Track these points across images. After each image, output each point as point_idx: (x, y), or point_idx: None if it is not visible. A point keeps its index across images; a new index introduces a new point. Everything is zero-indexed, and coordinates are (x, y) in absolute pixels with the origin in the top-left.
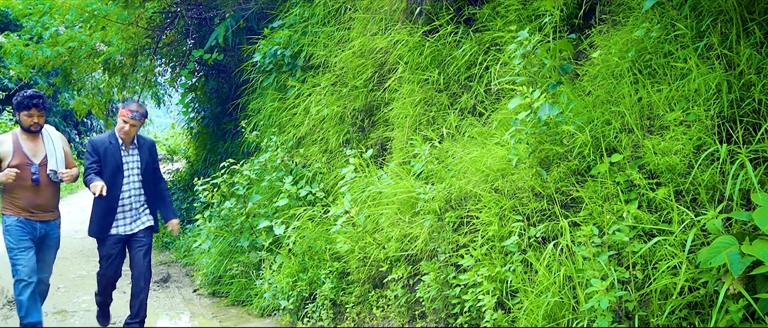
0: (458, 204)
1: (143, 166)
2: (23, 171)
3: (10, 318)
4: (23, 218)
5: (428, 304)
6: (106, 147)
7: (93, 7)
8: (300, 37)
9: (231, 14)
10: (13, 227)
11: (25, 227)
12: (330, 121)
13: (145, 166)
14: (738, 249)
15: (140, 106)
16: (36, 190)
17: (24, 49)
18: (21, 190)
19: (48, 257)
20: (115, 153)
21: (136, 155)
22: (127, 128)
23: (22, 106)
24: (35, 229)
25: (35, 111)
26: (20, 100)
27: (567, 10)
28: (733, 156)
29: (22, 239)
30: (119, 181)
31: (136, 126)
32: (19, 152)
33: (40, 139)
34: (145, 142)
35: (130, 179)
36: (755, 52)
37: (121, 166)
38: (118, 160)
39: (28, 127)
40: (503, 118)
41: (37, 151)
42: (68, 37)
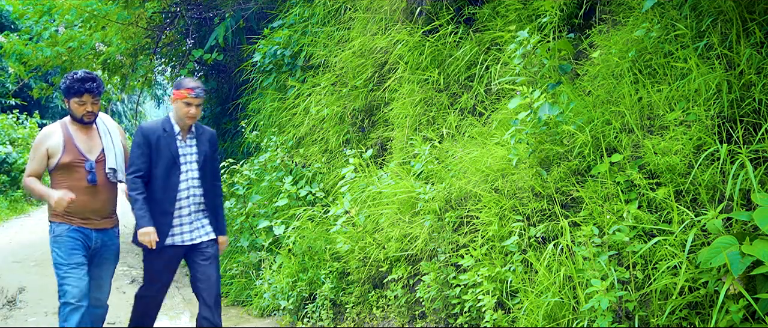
0: (458, 204)
1: (202, 160)
2: (77, 170)
3: (10, 318)
4: (76, 227)
5: (428, 304)
6: (159, 136)
7: (93, 7)
8: (300, 37)
9: (231, 14)
10: (64, 239)
11: (78, 238)
12: (330, 121)
13: (204, 160)
14: (738, 249)
15: (198, 81)
16: (92, 192)
17: (24, 49)
18: (75, 192)
19: (105, 272)
20: (171, 143)
21: (195, 147)
22: (192, 111)
23: (73, 92)
24: (90, 239)
25: (89, 97)
26: (70, 85)
27: (567, 10)
28: (733, 156)
29: (74, 252)
30: (175, 178)
31: (201, 107)
32: (71, 147)
33: (94, 130)
34: (205, 131)
35: (188, 174)
36: (755, 52)
37: (177, 158)
38: (173, 151)
39: (80, 117)
40: (503, 118)
41: (93, 146)
42: (68, 37)
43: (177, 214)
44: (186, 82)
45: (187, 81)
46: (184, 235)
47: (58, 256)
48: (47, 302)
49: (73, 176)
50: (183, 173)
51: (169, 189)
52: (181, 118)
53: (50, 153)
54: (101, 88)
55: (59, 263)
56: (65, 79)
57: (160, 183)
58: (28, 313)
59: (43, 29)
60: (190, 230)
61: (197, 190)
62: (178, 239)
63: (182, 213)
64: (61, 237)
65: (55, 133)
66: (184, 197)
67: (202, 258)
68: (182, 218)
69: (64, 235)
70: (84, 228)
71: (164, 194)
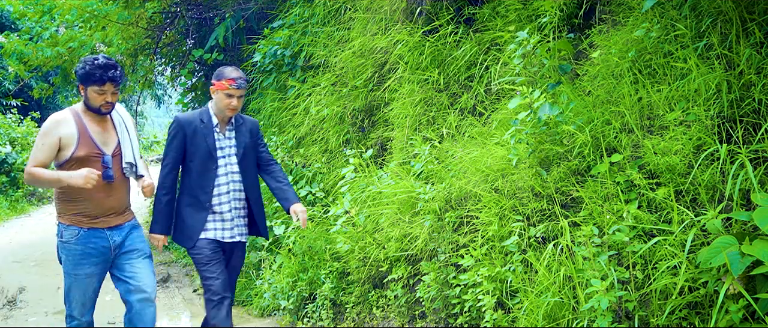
0: (458, 204)
1: (241, 152)
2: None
3: (10, 318)
4: (87, 230)
5: (428, 304)
6: (196, 127)
7: (93, 7)
8: (300, 37)
9: (231, 14)
10: (72, 247)
11: (90, 244)
12: (330, 121)
13: (243, 153)
14: (738, 249)
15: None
16: (108, 189)
17: (24, 49)
18: (88, 190)
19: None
20: (207, 135)
21: (233, 139)
22: (234, 102)
23: (94, 79)
24: (105, 240)
25: (110, 86)
26: (90, 71)
27: (567, 10)
28: (733, 156)
29: (83, 263)
30: (212, 172)
31: (243, 98)
32: (86, 139)
33: (109, 122)
34: (246, 122)
35: (226, 168)
36: (755, 52)
37: (213, 151)
38: (210, 144)
39: (97, 107)
40: (503, 118)
41: (108, 139)
42: (68, 37)
43: (218, 209)
44: (227, 71)
45: (229, 70)
46: (224, 231)
47: (66, 264)
48: (47, 302)
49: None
50: (221, 166)
51: (206, 183)
52: (222, 110)
53: (63, 144)
54: (124, 77)
55: (66, 272)
56: (84, 65)
57: (196, 177)
58: (28, 313)
59: (43, 29)
60: (231, 228)
61: (237, 184)
62: (219, 234)
63: (222, 209)
64: (68, 245)
65: (67, 122)
66: (224, 192)
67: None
68: (223, 214)
69: (73, 242)
70: (96, 229)
71: (201, 188)
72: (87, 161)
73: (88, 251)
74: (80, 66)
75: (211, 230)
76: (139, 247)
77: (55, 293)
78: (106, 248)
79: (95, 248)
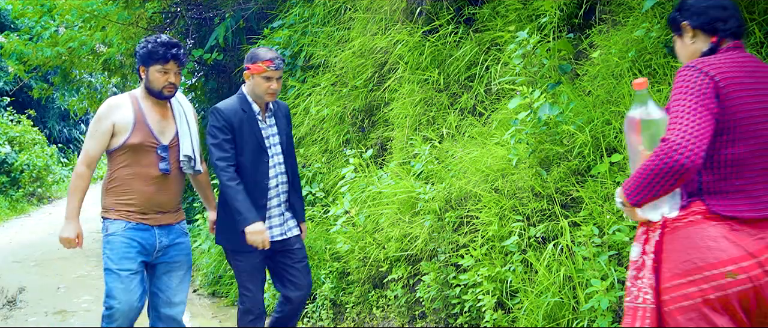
0: (458, 204)
1: (285, 140)
2: (146, 155)
3: (10, 318)
4: (134, 225)
5: (428, 304)
6: (241, 118)
7: (93, 7)
8: (300, 37)
9: (231, 14)
10: (118, 239)
11: (136, 238)
12: (330, 121)
13: (285, 140)
14: None
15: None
16: (161, 183)
17: (24, 49)
18: (139, 182)
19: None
20: (254, 125)
21: (275, 126)
22: (274, 85)
23: (156, 58)
24: (152, 239)
25: (174, 66)
26: (152, 49)
27: (567, 10)
28: None
29: (127, 257)
30: (263, 165)
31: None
32: (142, 126)
33: (169, 110)
34: (280, 106)
35: (274, 160)
36: (755, 52)
37: (262, 142)
38: (258, 134)
39: (159, 90)
40: (503, 118)
41: (166, 128)
42: (68, 37)
43: (267, 205)
44: (262, 53)
45: (263, 51)
46: (273, 229)
47: (108, 259)
48: (47, 302)
49: (141, 162)
50: (270, 158)
51: (259, 179)
52: (260, 95)
53: (117, 129)
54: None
55: (108, 268)
56: (146, 44)
57: (248, 173)
58: (28, 313)
59: (43, 29)
60: (279, 224)
61: (284, 177)
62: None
63: (271, 204)
64: (114, 237)
65: (123, 106)
66: (273, 186)
67: (293, 260)
68: (271, 210)
69: (119, 234)
70: (144, 225)
71: (254, 185)
72: (140, 150)
73: (133, 245)
74: (141, 45)
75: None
76: (182, 259)
77: (55, 293)
78: (151, 246)
79: (140, 245)
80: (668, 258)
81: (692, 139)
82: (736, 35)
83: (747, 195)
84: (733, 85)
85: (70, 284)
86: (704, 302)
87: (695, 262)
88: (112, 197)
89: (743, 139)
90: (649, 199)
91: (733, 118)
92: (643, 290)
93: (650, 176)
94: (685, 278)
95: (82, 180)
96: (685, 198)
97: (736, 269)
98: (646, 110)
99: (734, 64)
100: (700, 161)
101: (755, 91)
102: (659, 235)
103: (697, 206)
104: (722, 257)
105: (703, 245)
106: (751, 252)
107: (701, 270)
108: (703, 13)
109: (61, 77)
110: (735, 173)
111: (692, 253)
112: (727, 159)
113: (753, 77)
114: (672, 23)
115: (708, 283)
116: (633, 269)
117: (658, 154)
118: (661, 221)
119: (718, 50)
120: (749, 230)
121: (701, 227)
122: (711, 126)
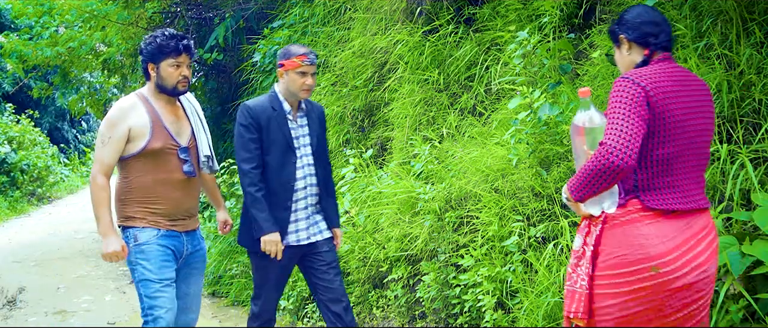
0: (458, 204)
1: (316, 141)
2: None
3: (10, 318)
4: (165, 232)
5: (428, 304)
6: (269, 116)
7: (92, 7)
8: (300, 37)
9: (231, 14)
10: (154, 248)
11: (170, 246)
12: (330, 121)
13: (316, 141)
14: (738, 249)
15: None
16: (186, 186)
17: (24, 49)
18: (165, 188)
19: (194, 288)
20: (282, 124)
21: (306, 127)
22: (309, 81)
23: (167, 51)
24: (182, 246)
25: (186, 58)
26: (162, 43)
27: (567, 10)
28: (733, 156)
29: (166, 266)
30: (290, 166)
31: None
32: (160, 129)
33: (179, 108)
34: (314, 107)
35: (303, 160)
36: (755, 52)
37: (291, 142)
38: (286, 134)
39: (173, 86)
40: (503, 118)
41: (182, 129)
42: (68, 36)
43: (293, 208)
44: (294, 48)
45: (296, 47)
46: (300, 233)
47: (145, 270)
48: (47, 302)
49: (163, 167)
50: (298, 158)
51: (285, 180)
52: (295, 93)
53: (133, 135)
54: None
55: (148, 280)
56: (153, 39)
57: (274, 173)
58: (28, 313)
59: (43, 29)
60: (307, 227)
61: (313, 179)
62: (293, 238)
63: (298, 207)
64: (149, 246)
65: (137, 109)
66: (301, 188)
67: (321, 263)
68: (298, 213)
69: (153, 243)
70: (174, 232)
71: (280, 185)
72: (160, 155)
73: (169, 253)
74: (148, 41)
75: (293, 233)
76: (201, 266)
77: (54, 293)
78: (180, 253)
79: (173, 253)
80: (604, 251)
81: (625, 143)
82: (665, 48)
83: (677, 189)
84: (662, 93)
85: (70, 284)
86: (629, 292)
87: (627, 257)
88: (135, 205)
89: (671, 141)
90: (590, 195)
91: (662, 122)
92: (581, 277)
93: (590, 175)
94: (616, 270)
95: (105, 191)
96: (623, 195)
97: (659, 264)
98: (589, 116)
99: (664, 74)
100: (633, 162)
101: (681, 98)
102: (599, 229)
103: (633, 203)
104: (651, 253)
105: (635, 242)
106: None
107: (631, 264)
108: (637, 28)
109: (61, 77)
110: (665, 171)
111: (625, 248)
112: (658, 159)
113: (679, 85)
114: (611, 35)
115: (634, 275)
116: (574, 258)
117: (596, 156)
118: (602, 217)
119: (650, 61)
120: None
121: (635, 225)
122: (642, 130)
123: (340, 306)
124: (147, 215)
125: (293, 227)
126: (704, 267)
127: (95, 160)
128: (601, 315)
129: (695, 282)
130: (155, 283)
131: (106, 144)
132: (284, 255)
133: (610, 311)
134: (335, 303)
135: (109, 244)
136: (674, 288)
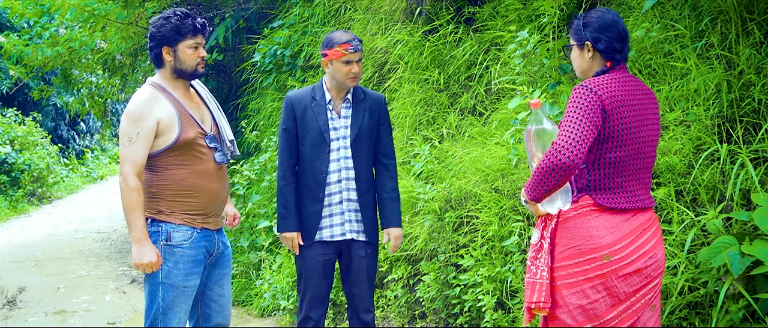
0: (458, 204)
1: (355, 134)
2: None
3: (10, 318)
4: (200, 231)
5: (428, 304)
6: (306, 106)
7: (93, 7)
8: (300, 37)
9: (231, 14)
10: (187, 252)
11: (202, 248)
12: None
13: (358, 134)
14: (738, 249)
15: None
16: (220, 177)
17: (24, 49)
18: (202, 180)
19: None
20: (319, 114)
21: (349, 118)
22: (355, 69)
23: (185, 32)
24: (213, 245)
25: (202, 38)
26: (178, 24)
27: (567, 10)
28: (733, 156)
29: (194, 273)
30: (324, 157)
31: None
32: (187, 118)
33: (196, 94)
34: (367, 97)
35: (339, 153)
36: (755, 52)
37: (325, 133)
38: (321, 124)
39: (193, 68)
40: (503, 118)
41: (204, 115)
42: (68, 37)
43: (327, 202)
44: (337, 36)
45: (338, 34)
46: (334, 228)
47: (170, 272)
48: (47, 302)
49: (197, 160)
50: (333, 151)
51: (318, 171)
52: (341, 82)
53: (162, 128)
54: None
55: (171, 284)
56: (166, 21)
57: (307, 164)
58: (28, 313)
59: (43, 29)
60: (341, 223)
61: (350, 172)
62: (327, 233)
63: (332, 200)
64: (182, 250)
65: (159, 99)
66: (334, 181)
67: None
68: (332, 207)
69: (187, 246)
70: (208, 230)
71: (312, 176)
72: (193, 146)
73: (200, 257)
74: (160, 24)
75: (326, 228)
76: (230, 264)
77: (55, 293)
78: (211, 252)
79: (203, 256)
80: (560, 243)
81: (573, 144)
82: (623, 60)
83: (624, 190)
84: (616, 102)
85: (70, 284)
86: (586, 280)
87: (580, 248)
88: (168, 199)
89: (623, 145)
90: (543, 194)
91: (615, 128)
92: (540, 269)
93: (541, 174)
94: (571, 260)
95: (139, 194)
96: (576, 193)
97: (610, 252)
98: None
99: (619, 84)
100: (580, 162)
101: (633, 106)
102: (555, 224)
103: (585, 200)
104: (601, 243)
105: (587, 234)
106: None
107: (584, 254)
108: (607, 42)
109: (62, 77)
110: (616, 173)
111: (578, 240)
112: (610, 161)
113: (632, 95)
114: (576, 34)
115: (589, 264)
116: (533, 251)
117: (547, 155)
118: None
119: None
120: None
121: (586, 218)
122: (592, 135)
123: (369, 316)
124: (183, 211)
125: (327, 222)
126: (651, 253)
127: (124, 160)
128: (563, 304)
129: (644, 268)
130: (177, 289)
131: (134, 141)
132: (317, 252)
133: (571, 300)
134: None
135: (145, 254)
136: (626, 274)
